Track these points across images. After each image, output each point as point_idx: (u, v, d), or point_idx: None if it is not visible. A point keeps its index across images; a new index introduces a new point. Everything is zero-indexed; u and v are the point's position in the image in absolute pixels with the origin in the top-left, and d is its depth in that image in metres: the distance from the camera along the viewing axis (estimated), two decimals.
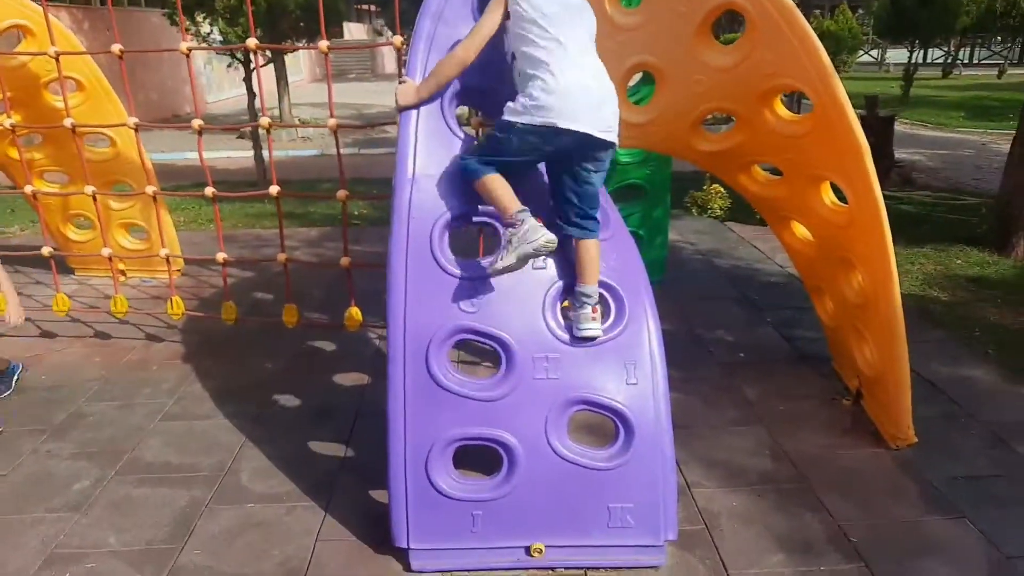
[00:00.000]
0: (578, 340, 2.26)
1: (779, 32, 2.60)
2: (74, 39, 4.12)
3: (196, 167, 5.95)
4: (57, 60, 3.55)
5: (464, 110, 2.49)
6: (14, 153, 4.18)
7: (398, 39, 3.17)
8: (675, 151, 3.23)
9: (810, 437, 3.01)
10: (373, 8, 33.17)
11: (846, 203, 2.82)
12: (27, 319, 4.29)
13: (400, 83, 2.35)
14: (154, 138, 11.65)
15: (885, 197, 2.67)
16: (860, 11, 27.33)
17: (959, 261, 5.20)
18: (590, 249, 2.26)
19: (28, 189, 3.84)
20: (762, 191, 3.20)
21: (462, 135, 2.35)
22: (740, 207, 6.07)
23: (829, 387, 3.42)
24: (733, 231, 6.16)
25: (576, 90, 2.11)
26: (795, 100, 9.20)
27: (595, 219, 2.26)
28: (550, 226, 2.18)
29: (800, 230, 3.25)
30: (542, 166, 2.36)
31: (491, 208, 2.27)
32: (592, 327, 2.25)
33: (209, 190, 3.59)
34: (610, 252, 2.39)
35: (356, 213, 6.89)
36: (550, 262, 2.33)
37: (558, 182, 2.26)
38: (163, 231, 4.02)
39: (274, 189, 3.48)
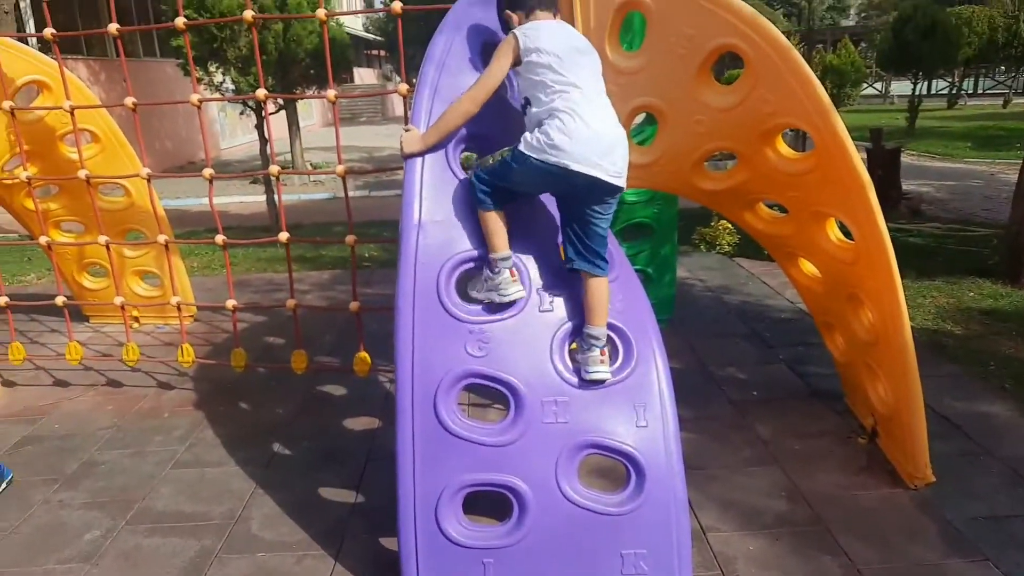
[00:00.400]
0: (587, 383, 2.26)
1: (777, 72, 2.64)
2: (89, 92, 4.23)
3: (209, 213, 6.05)
4: (72, 114, 3.64)
5: (468, 156, 2.53)
6: (30, 204, 4.27)
7: (404, 87, 3.23)
8: (679, 190, 3.26)
9: (826, 477, 2.96)
10: (382, 53, 33.87)
11: (852, 239, 2.82)
12: (41, 368, 4.35)
13: (405, 131, 2.40)
14: (168, 184, 11.85)
15: (894, 229, 2.67)
16: (862, 44, 27.67)
17: (971, 293, 5.16)
18: (600, 288, 2.28)
19: (43, 240, 3.91)
20: (768, 228, 3.20)
21: (467, 181, 2.38)
22: (748, 243, 6.07)
23: (844, 424, 3.38)
24: (742, 267, 6.15)
25: (590, 134, 2.15)
26: (800, 136, 9.26)
27: (604, 259, 2.29)
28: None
29: (807, 266, 3.25)
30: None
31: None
32: (601, 370, 2.25)
33: (220, 238, 3.64)
34: (616, 293, 2.39)
35: (366, 256, 6.94)
36: (557, 303, 2.34)
37: (567, 220, 2.30)
38: (176, 278, 4.07)
39: (284, 236, 3.53)
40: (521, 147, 2.20)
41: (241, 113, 8.72)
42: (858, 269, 2.77)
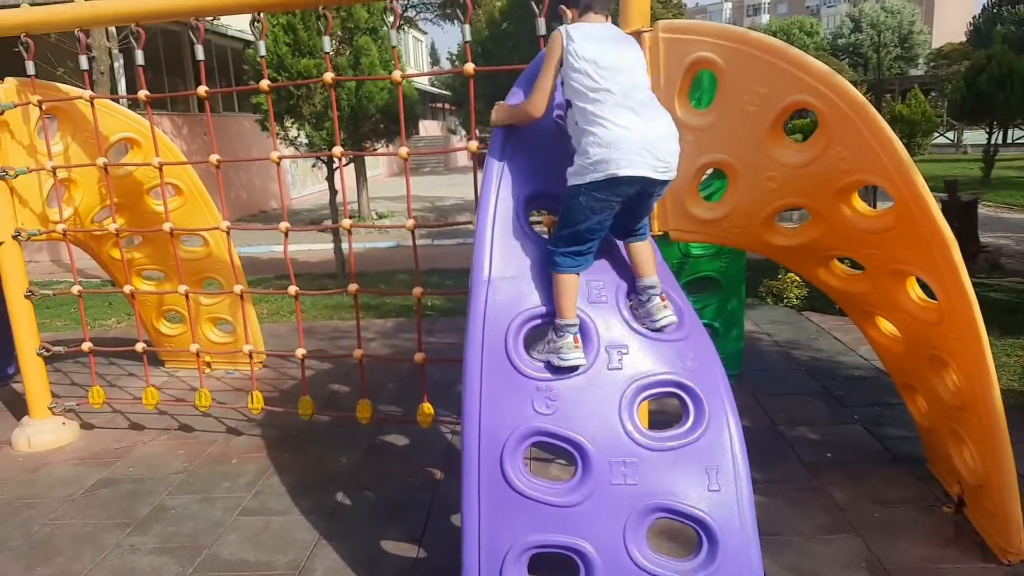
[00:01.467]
0: (657, 331, 2.33)
1: (853, 128, 2.59)
2: (175, 148, 4.47)
3: (280, 260, 6.24)
4: (160, 170, 3.84)
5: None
6: (116, 254, 4.49)
7: (473, 144, 3.31)
8: (749, 246, 3.20)
9: (910, 548, 2.79)
10: (447, 106, 34.86)
11: (934, 298, 2.71)
12: (119, 411, 4.52)
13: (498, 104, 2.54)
14: (242, 233, 12.33)
15: (973, 284, 2.55)
16: (932, 94, 27.05)
17: None
18: (644, 247, 2.44)
19: (127, 289, 4.09)
20: (842, 285, 3.11)
21: (536, 238, 2.40)
22: (817, 296, 5.91)
23: (927, 492, 3.19)
24: (811, 321, 5.97)
25: (627, 136, 2.20)
26: (870, 189, 9.04)
27: (646, 225, 2.44)
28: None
29: (886, 325, 3.13)
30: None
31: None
32: (667, 314, 2.34)
33: (292, 289, 3.75)
34: (687, 351, 2.35)
35: (429, 304, 7.03)
36: (627, 361, 2.31)
37: (619, 210, 2.35)
38: (248, 326, 4.20)
39: (353, 287, 3.61)
40: (570, 182, 2.29)
41: (313, 166, 9.09)
42: (942, 330, 2.66)
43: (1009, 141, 22.31)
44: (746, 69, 2.75)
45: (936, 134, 19.89)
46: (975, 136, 21.48)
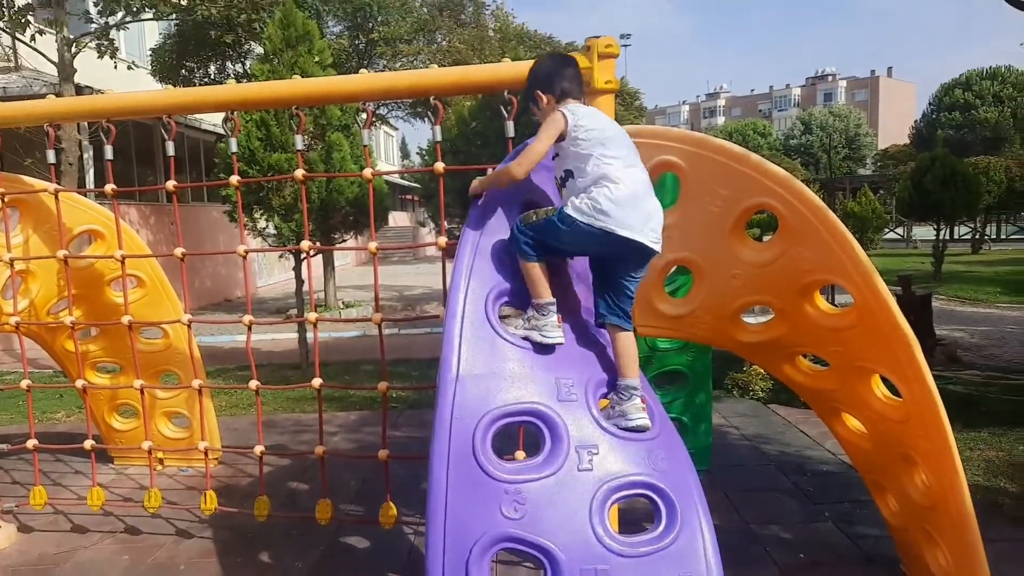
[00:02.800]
0: (630, 431, 2.30)
1: (812, 230, 2.68)
2: (139, 240, 4.42)
3: (242, 350, 6.10)
4: (123, 262, 3.79)
5: (507, 310, 2.56)
6: (71, 346, 4.35)
7: (442, 240, 3.33)
8: (716, 342, 3.23)
9: None
10: (416, 198, 35.46)
11: (899, 395, 2.74)
12: (61, 512, 4.26)
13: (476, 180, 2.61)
14: (202, 318, 12.10)
15: (932, 377, 2.59)
16: (881, 192, 28.40)
17: (1021, 447, 4.93)
18: (629, 341, 2.43)
19: (80, 384, 3.95)
20: (808, 382, 3.13)
21: (507, 336, 2.38)
22: (782, 388, 5.94)
23: None
24: (778, 414, 5.98)
25: (633, 201, 2.32)
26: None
27: (629, 316, 2.45)
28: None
29: (853, 422, 3.14)
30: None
31: (532, 407, 2.26)
32: (643, 416, 2.32)
33: (253, 383, 3.65)
34: (658, 450, 2.31)
35: (395, 396, 6.90)
36: (597, 461, 2.26)
37: (601, 282, 2.45)
38: (204, 421, 4.05)
39: (317, 382, 3.53)
40: (568, 209, 2.34)
41: (280, 256, 9.09)
42: (909, 428, 2.67)
43: (956, 237, 23.32)
44: (707, 172, 2.85)
45: (887, 230, 20.72)
46: (924, 231, 22.46)
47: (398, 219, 33.86)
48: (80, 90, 10.32)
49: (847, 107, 64.97)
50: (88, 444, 3.95)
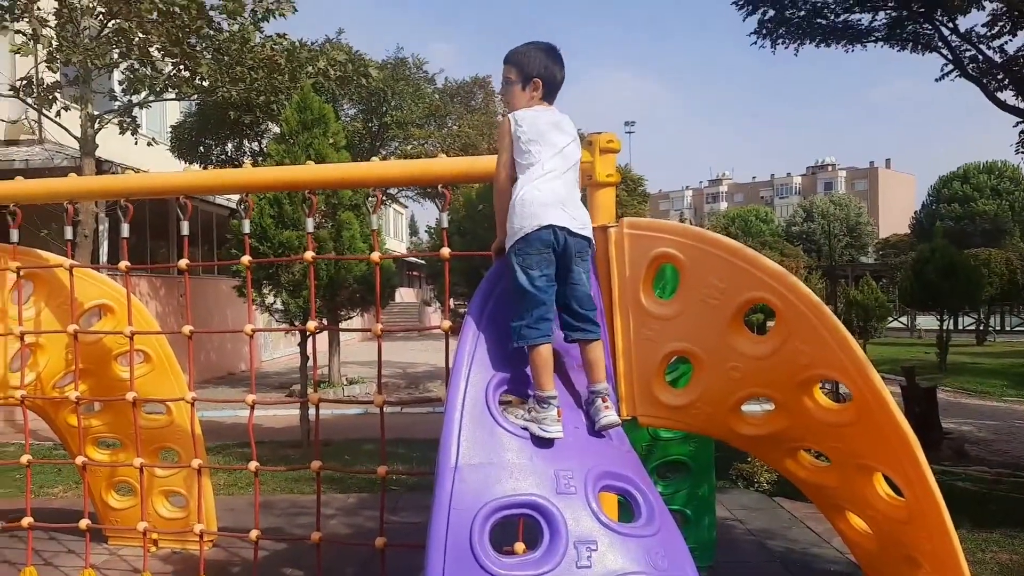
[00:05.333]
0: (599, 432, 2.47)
1: (810, 325, 2.72)
2: (149, 316, 4.49)
3: (243, 425, 6.06)
4: (131, 338, 3.84)
5: (508, 396, 2.59)
6: (73, 420, 4.36)
7: (447, 323, 3.39)
8: (716, 434, 3.22)
9: None
10: (422, 274, 35.83)
11: (901, 494, 2.72)
12: None
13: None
14: (206, 395, 12.07)
15: (939, 472, 2.58)
16: (883, 280, 28.56)
17: None
18: (597, 349, 2.58)
19: (79, 461, 3.94)
20: (810, 478, 3.10)
21: (507, 425, 2.40)
22: (788, 480, 5.86)
23: None
24: (783, 507, 5.87)
25: (544, 196, 2.48)
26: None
27: (595, 322, 2.58)
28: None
29: (856, 521, 3.09)
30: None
31: (531, 499, 2.26)
32: (608, 415, 2.48)
33: (253, 464, 3.64)
34: (657, 548, 2.28)
35: (394, 478, 6.80)
36: (596, 558, 2.23)
37: (557, 297, 2.54)
38: (202, 502, 4.01)
39: (316, 464, 3.51)
40: (507, 244, 2.52)
41: (286, 334, 9.19)
42: (912, 529, 2.64)
43: (959, 327, 23.31)
44: (705, 265, 2.92)
45: (890, 318, 20.75)
46: (927, 320, 22.46)
47: (404, 295, 34.08)
48: (100, 164, 10.66)
49: (848, 196, 66.14)
50: (83, 524, 3.90)
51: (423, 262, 26.51)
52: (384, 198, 3.68)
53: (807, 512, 5.63)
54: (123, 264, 3.77)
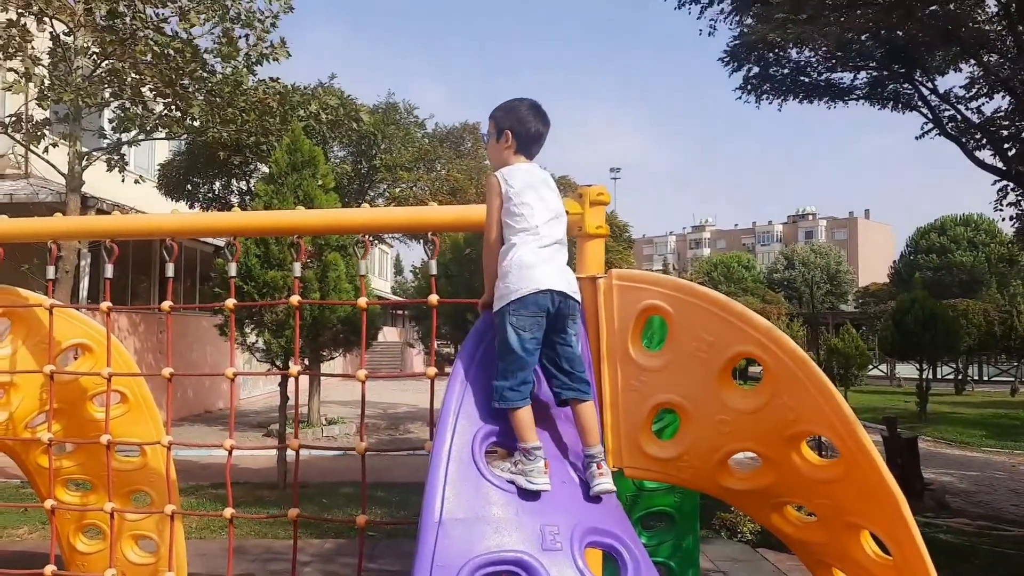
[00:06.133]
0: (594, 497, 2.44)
1: (796, 380, 2.72)
2: (128, 356, 4.40)
3: (218, 466, 5.93)
4: (108, 380, 3.76)
5: (493, 449, 2.56)
6: (44, 462, 4.23)
7: (432, 370, 3.35)
8: (703, 487, 3.19)
9: None
10: (406, 313, 35.65)
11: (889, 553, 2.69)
12: None
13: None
14: (183, 433, 11.82)
15: (922, 524, 2.56)
16: (863, 328, 28.84)
17: None
18: (589, 410, 2.60)
19: (48, 504, 3.82)
20: (797, 534, 3.07)
21: (492, 479, 2.36)
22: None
23: None
24: (767, 560, 5.81)
25: (543, 261, 2.51)
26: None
27: (586, 381, 2.62)
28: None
29: None
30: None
31: (516, 556, 2.21)
32: (603, 482, 2.48)
33: (228, 511, 3.54)
34: None
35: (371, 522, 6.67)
36: None
37: (549, 360, 2.57)
38: (174, 549, 3.89)
39: (294, 512, 3.42)
40: (497, 307, 2.49)
41: (267, 371, 9.07)
42: None
43: (939, 376, 23.51)
44: (693, 318, 2.93)
45: (870, 366, 20.90)
46: (907, 369, 22.62)
47: (387, 334, 33.88)
48: (86, 200, 10.60)
49: (828, 244, 67.18)
50: (49, 571, 3.76)
51: (407, 301, 26.45)
52: (371, 239, 3.68)
53: (791, 564, 5.58)
54: (105, 305, 3.71)
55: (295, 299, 3.51)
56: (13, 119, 9.66)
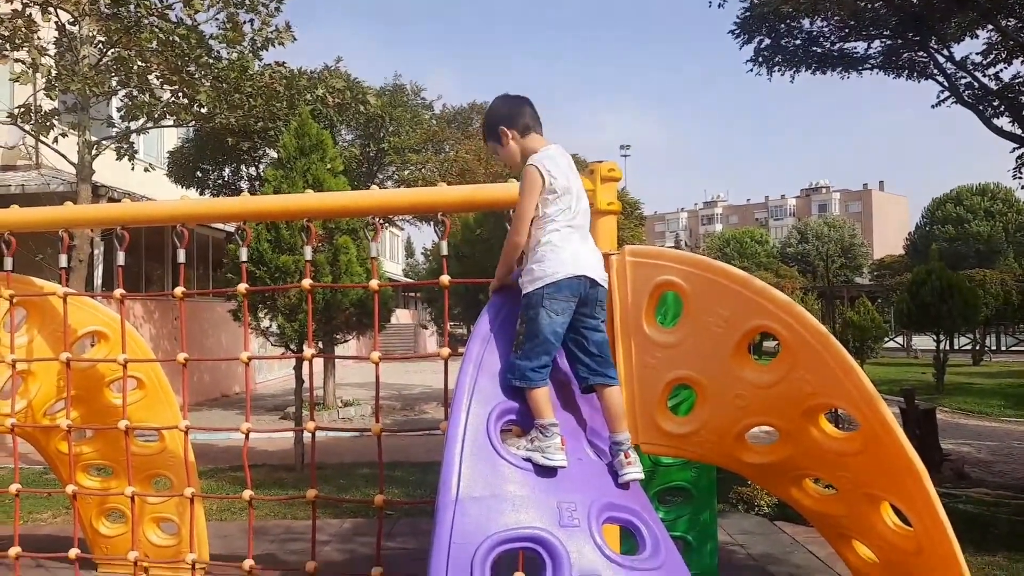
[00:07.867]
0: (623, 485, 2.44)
1: (815, 354, 2.69)
2: (143, 343, 4.44)
3: (236, 449, 5.99)
4: (124, 366, 3.79)
5: (508, 428, 2.55)
6: (64, 448, 4.28)
7: (446, 351, 3.35)
8: (720, 462, 3.18)
9: None
10: (419, 294, 35.74)
11: (909, 525, 2.67)
12: None
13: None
14: (200, 418, 11.94)
15: (941, 495, 2.54)
16: (879, 300, 28.60)
17: None
18: (616, 395, 2.58)
19: (70, 490, 3.87)
20: (816, 507, 3.06)
21: (508, 457, 2.36)
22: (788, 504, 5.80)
23: None
24: (785, 532, 5.80)
25: (579, 246, 2.52)
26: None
27: (611, 365, 2.61)
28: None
29: (863, 550, 3.04)
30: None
31: (533, 532, 2.21)
32: (632, 471, 2.45)
33: (247, 493, 3.57)
34: None
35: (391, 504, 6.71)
36: None
37: (576, 344, 2.56)
38: (195, 531, 3.93)
39: (311, 493, 3.45)
40: (528, 289, 2.47)
41: (281, 355, 9.12)
42: (921, 560, 2.59)
43: (956, 347, 23.33)
44: (709, 293, 2.90)
45: (887, 339, 20.76)
46: (923, 340, 22.48)
47: (400, 316, 33.98)
48: (97, 189, 10.63)
49: (842, 217, 66.53)
50: (73, 553, 3.82)
51: (419, 284, 26.52)
52: (382, 223, 3.66)
53: (809, 536, 5.56)
54: (118, 292, 3.73)
55: (307, 283, 3.50)
56: (22, 110, 9.68)
